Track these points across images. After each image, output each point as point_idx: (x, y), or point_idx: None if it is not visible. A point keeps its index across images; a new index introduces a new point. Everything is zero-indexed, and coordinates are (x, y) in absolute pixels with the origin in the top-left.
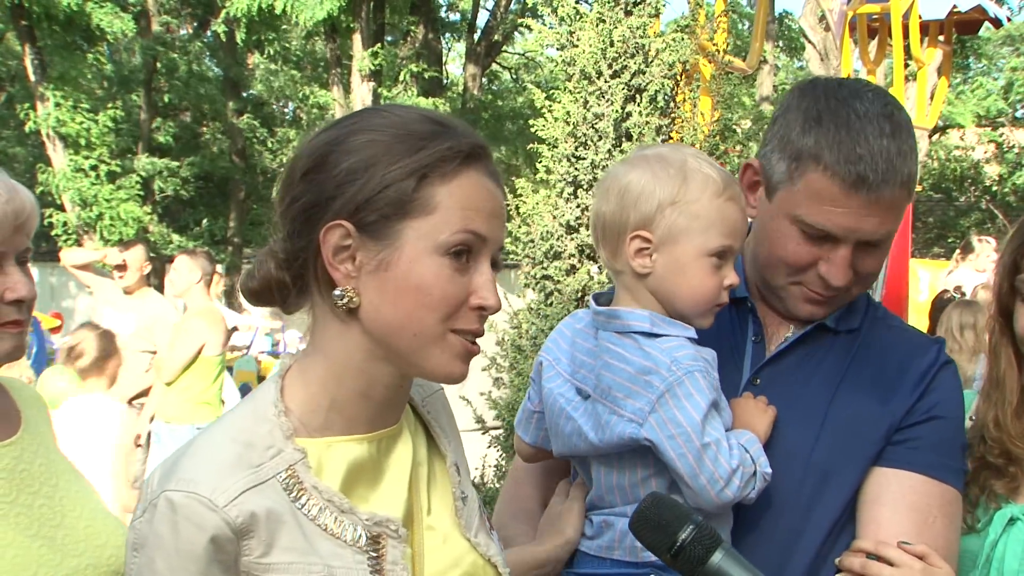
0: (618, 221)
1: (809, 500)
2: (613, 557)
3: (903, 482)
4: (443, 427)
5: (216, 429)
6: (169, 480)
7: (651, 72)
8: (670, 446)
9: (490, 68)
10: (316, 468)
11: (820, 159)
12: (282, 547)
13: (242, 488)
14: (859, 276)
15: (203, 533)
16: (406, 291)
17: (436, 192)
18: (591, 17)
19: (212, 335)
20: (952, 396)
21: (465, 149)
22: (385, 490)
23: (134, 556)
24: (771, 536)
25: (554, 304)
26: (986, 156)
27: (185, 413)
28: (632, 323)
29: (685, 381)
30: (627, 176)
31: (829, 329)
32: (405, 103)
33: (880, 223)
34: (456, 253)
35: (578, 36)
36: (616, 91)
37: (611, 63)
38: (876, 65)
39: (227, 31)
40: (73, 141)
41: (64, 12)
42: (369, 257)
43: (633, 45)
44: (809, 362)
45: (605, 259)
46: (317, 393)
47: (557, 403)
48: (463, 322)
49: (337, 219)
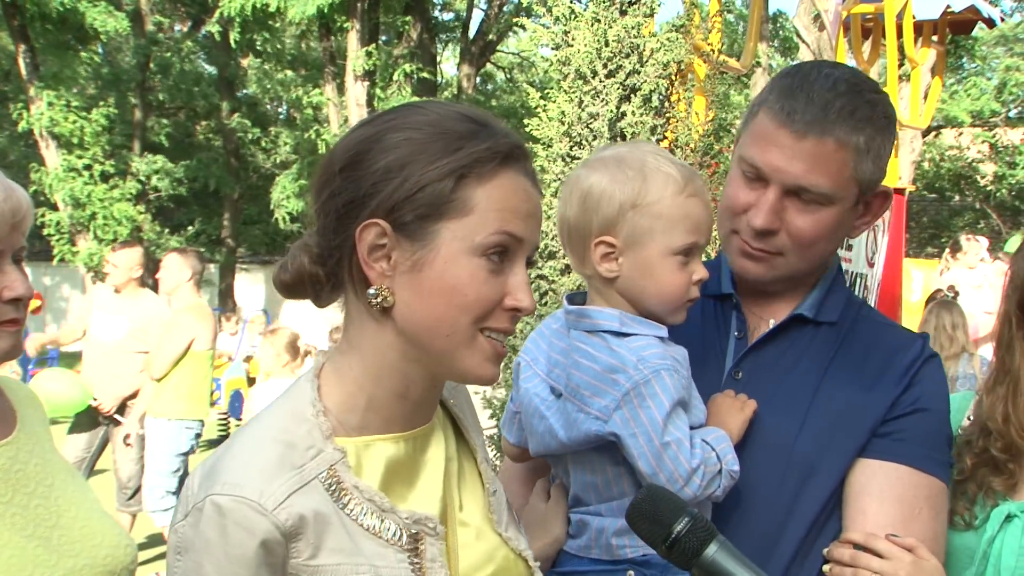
0: (582, 227)
1: (793, 492)
2: (591, 556)
3: (889, 473)
4: (470, 422)
5: (254, 429)
6: (213, 484)
7: (646, 72)
8: (632, 444)
9: (485, 68)
10: (355, 467)
11: (767, 102)
12: (329, 548)
13: (289, 491)
14: (790, 234)
15: (253, 538)
16: (441, 291)
17: (474, 193)
18: (586, 17)
19: (202, 329)
20: (937, 389)
21: (503, 150)
22: (421, 488)
23: (177, 560)
24: (755, 527)
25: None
26: (980, 156)
27: (175, 408)
28: (601, 322)
29: (651, 380)
30: (588, 180)
31: (808, 320)
32: (399, 103)
33: (806, 171)
34: (492, 254)
35: (573, 36)
36: (611, 91)
37: (606, 63)
38: (870, 65)
39: (221, 31)
40: (66, 141)
41: (57, 11)
42: (404, 256)
43: (628, 45)
44: (790, 354)
45: (573, 264)
46: (354, 393)
47: (532, 402)
48: (495, 321)
49: (373, 217)
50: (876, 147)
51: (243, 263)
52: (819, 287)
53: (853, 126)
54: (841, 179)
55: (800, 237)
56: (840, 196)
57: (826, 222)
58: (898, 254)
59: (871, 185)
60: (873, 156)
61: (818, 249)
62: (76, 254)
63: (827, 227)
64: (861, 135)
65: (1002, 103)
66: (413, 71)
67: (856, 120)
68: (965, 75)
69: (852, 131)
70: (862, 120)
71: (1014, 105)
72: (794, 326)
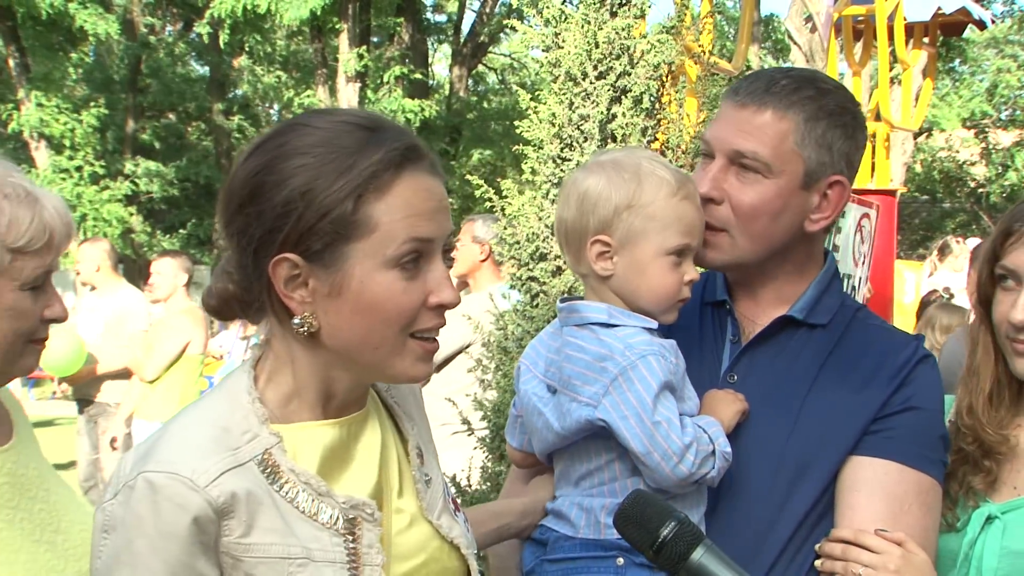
0: (579, 227)
1: (784, 491)
2: (580, 536)
3: (878, 470)
4: (407, 411)
5: (190, 415)
6: (147, 462)
7: (636, 73)
8: (623, 426)
9: (476, 69)
10: (291, 452)
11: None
12: (262, 528)
13: (222, 469)
14: (731, 205)
15: (186, 513)
16: (362, 311)
17: (375, 209)
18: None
19: (197, 333)
20: (930, 389)
21: (396, 157)
22: (356, 472)
23: (104, 538)
24: (745, 526)
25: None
26: (971, 158)
27: (167, 411)
28: (590, 315)
29: (638, 364)
30: (585, 182)
31: (798, 322)
32: (391, 105)
33: (744, 137)
34: (405, 263)
35: (563, 37)
36: (601, 92)
37: (596, 64)
38: (861, 67)
39: (211, 32)
40: (57, 142)
41: (47, 12)
42: (321, 283)
43: (619, 46)
44: (784, 357)
45: (570, 264)
46: (283, 385)
47: (531, 402)
48: (422, 323)
49: (282, 252)
50: (820, 131)
51: None
52: (811, 289)
53: (794, 102)
54: (780, 150)
55: (740, 207)
56: (780, 168)
57: (766, 195)
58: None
59: (819, 170)
60: (817, 138)
61: (760, 225)
62: (66, 256)
63: (768, 200)
64: (801, 112)
65: (993, 106)
66: (404, 72)
67: (799, 97)
68: (957, 77)
69: (792, 105)
70: (806, 99)
71: (1005, 107)
72: (787, 329)
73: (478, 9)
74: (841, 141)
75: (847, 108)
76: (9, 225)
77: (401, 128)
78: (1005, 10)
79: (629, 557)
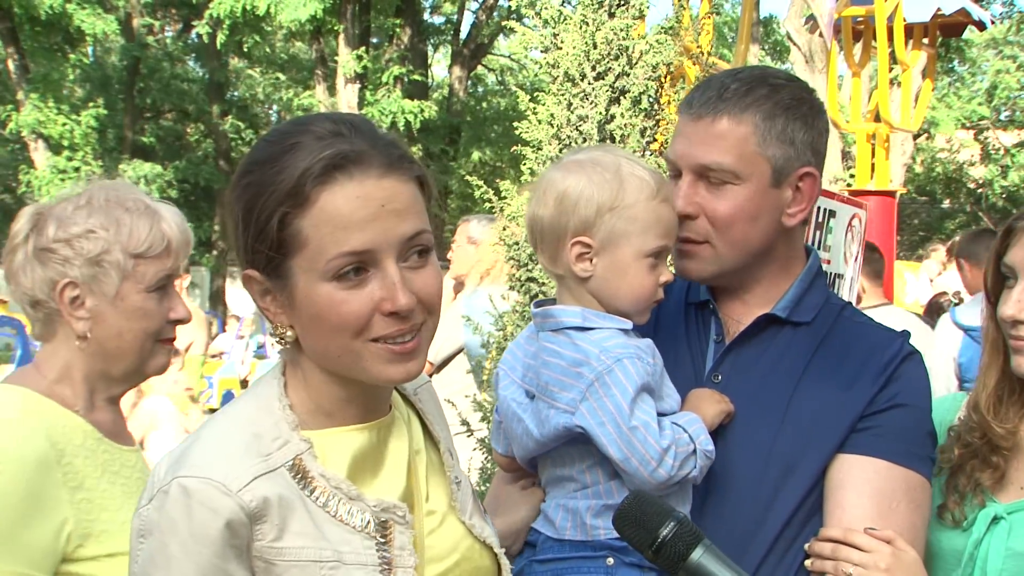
0: (557, 226)
1: (771, 491)
2: (567, 538)
3: (866, 467)
4: (433, 415)
5: (222, 420)
6: (180, 467)
7: (635, 74)
8: (600, 432)
9: (475, 70)
10: (322, 458)
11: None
12: (293, 532)
13: (254, 475)
14: (707, 217)
15: (218, 517)
16: (311, 321)
17: (300, 226)
18: (574, 19)
19: (199, 334)
20: (916, 385)
21: (319, 168)
22: (385, 475)
23: (141, 542)
24: (733, 525)
25: None
26: (971, 159)
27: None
28: (564, 319)
29: (614, 369)
30: (564, 182)
31: (782, 320)
32: (391, 106)
33: (705, 150)
34: (344, 275)
35: (561, 38)
36: (600, 93)
37: (595, 65)
38: (861, 68)
39: (210, 33)
40: (55, 143)
41: (46, 13)
42: (281, 294)
43: (617, 47)
44: (769, 356)
45: (544, 263)
46: (305, 398)
47: (510, 408)
48: (378, 330)
49: (247, 266)
50: (779, 126)
51: (234, 266)
52: (794, 287)
53: (748, 104)
54: (743, 155)
55: (716, 218)
56: (747, 173)
57: (739, 201)
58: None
59: (787, 166)
60: (777, 135)
61: (739, 231)
62: None
63: (741, 206)
64: (757, 113)
65: (993, 108)
66: (403, 73)
67: (752, 99)
68: (956, 79)
69: (746, 108)
70: (760, 99)
71: (1005, 108)
72: (771, 327)
73: (476, 10)
74: (802, 132)
75: (803, 99)
76: (130, 234)
77: (348, 133)
78: (1004, 11)
79: (619, 557)
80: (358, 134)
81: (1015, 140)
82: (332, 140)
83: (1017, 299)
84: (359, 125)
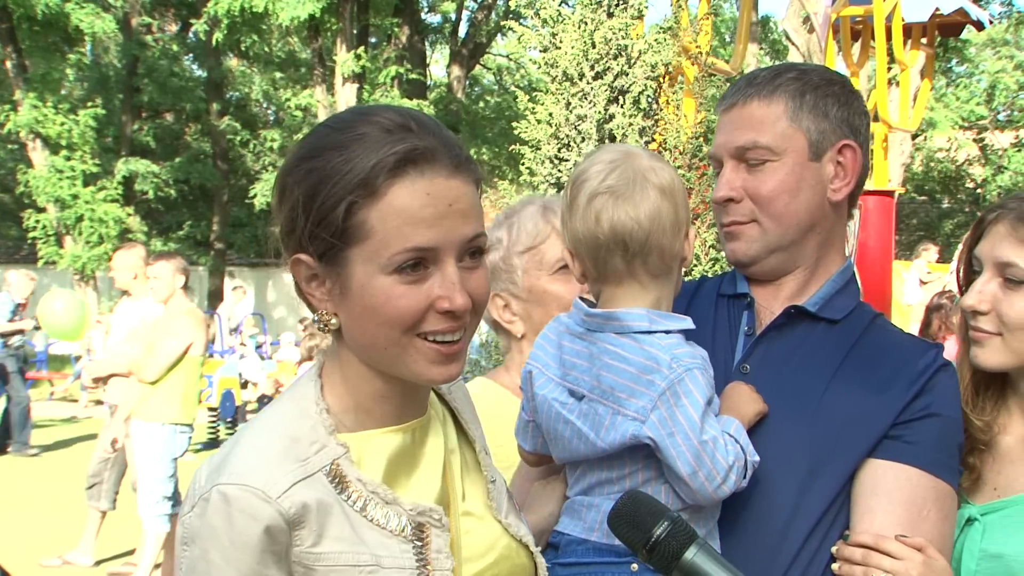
0: (676, 220)
1: (799, 490)
2: (592, 540)
3: (899, 475)
4: (468, 414)
5: (260, 425)
6: (220, 474)
7: (634, 73)
8: (670, 443)
9: (474, 70)
10: (358, 461)
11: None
12: (331, 537)
13: (293, 480)
14: (751, 197)
15: (257, 524)
16: (364, 312)
17: (368, 217)
18: (573, 19)
19: (198, 335)
20: (949, 396)
21: (392, 162)
22: (421, 477)
23: (184, 550)
24: (761, 524)
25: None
26: (968, 159)
27: (168, 412)
28: (631, 323)
29: (685, 378)
30: (662, 173)
31: (813, 317)
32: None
33: (741, 132)
34: (404, 269)
35: (560, 38)
36: (599, 93)
37: (593, 64)
38: (860, 67)
39: (208, 31)
40: (54, 143)
41: (43, 13)
42: (332, 282)
43: (616, 47)
44: (800, 353)
45: (640, 265)
46: (343, 396)
47: (552, 408)
48: (429, 325)
49: (299, 251)
50: (811, 101)
51: (232, 266)
52: (827, 285)
53: (777, 85)
54: (777, 132)
55: (760, 196)
56: (783, 148)
57: (780, 175)
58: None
59: (823, 139)
60: (809, 108)
61: (783, 205)
62: (62, 257)
63: (783, 180)
64: (785, 92)
65: (992, 108)
66: (401, 73)
67: (781, 81)
68: (953, 79)
69: (775, 89)
70: (788, 80)
71: (1003, 108)
72: (803, 324)
73: (475, 10)
74: (836, 108)
75: (832, 79)
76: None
77: (416, 128)
78: (1003, 11)
79: (644, 564)
80: (425, 130)
81: (1012, 140)
82: (403, 134)
83: (979, 290)
84: (425, 122)
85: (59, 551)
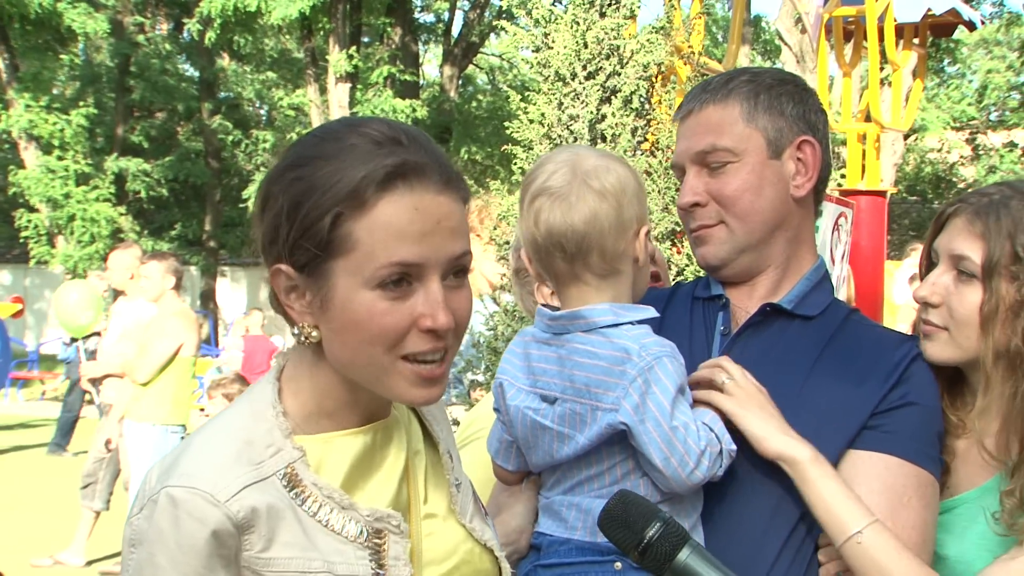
0: (624, 219)
1: (782, 483)
2: (575, 538)
3: (878, 464)
4: (434, 415)
5: (214, 427)
6: (169, 476)
7: (626, 73)
8: (642, 431)
9: (467, 70)
10: (316, 465)
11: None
12: (282, 542)
13: (243, 484)
14: (716, 199)
15: (204, 527)
16: (346, 327)
17: (354, 229)
18: (565, 19)
19: (190, 335)
20: (926, 385)
21: (382, 175)
22: (382, 480)
23: (132, 552)
24: (743, 519)
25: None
26: (960, 159)
27: (159, 413)
28: (596, 319)
29: (655, 366)
30: (611, 173)
31: (788, 314)
32: (382, 104)
33: (699, 138)
34: (388, 285)
35: (552, 38)
36: (591, 93)
37: (585, 64)
38: (852, 67)
39: (201, 30)
40: (46, 142)
41: (36, 12)
42: (313, 295)
43: (608, 46)
44: (777, 349)
45: (590, 266)
46: (307, 401)
47: (527, 417)
48: (413, 346)
49: (279, 261)
50: (765, 101)
51: (225, 265)
52: (801, 283)
53: (731, 89)
54: (734, 133)
55: (724, 197)
56: (743, 148)
57: (742, 175)
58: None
59: (780, 136)
60: (764, 107)
61: (747, 204)
62: (54, 256)
63: (745, 180)
64: (739, 94)
65: (983, 108)
66: (393, 72)
67: (733, 85)
68: (945, 80)
69: (729, 94)
70: (741, 83)
71: (994, 108)
72: (778, 321)
73: (467, 9)
74: (791, 106)
75: (785, 79)
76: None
77: (407, 142)
78: (994, 11)
79: (627, 561)
80: (416, 145)
81: (1004, 140)
82: (393, 147)
83: (933, 282)
84: (416, 136)
85: (50, 551)
